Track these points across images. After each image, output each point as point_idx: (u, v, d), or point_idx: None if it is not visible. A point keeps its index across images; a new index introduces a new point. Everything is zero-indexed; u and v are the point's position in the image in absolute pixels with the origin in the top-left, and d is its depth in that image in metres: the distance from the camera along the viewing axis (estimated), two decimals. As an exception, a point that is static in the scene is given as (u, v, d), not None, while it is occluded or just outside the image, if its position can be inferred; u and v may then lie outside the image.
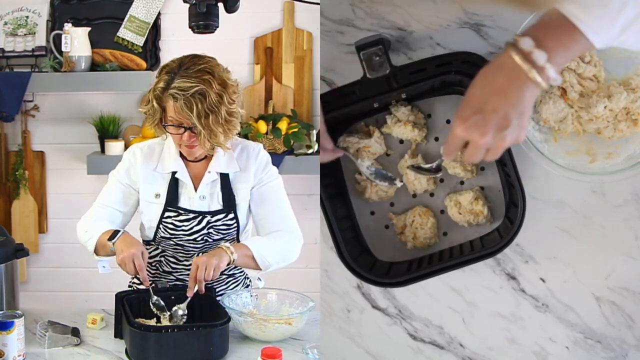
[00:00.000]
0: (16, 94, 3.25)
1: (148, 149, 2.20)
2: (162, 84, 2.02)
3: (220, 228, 2.16)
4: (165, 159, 2.17)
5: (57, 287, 3.55)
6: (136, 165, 2.17)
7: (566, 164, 1.39)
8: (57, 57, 3.26)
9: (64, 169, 3.51)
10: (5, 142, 3.45)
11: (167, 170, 2.16)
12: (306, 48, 3.38)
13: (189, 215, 2.14)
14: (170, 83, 2.00)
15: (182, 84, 1.98)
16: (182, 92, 1.98)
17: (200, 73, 2.01)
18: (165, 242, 2.18)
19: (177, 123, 2.03)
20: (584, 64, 1.39)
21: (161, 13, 3.38)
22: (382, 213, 1.56)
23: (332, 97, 1.44)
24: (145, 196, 2.16)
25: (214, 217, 2.15)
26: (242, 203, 2.18)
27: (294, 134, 3.18)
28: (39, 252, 3.53)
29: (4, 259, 2.19)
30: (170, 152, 2.16)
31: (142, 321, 1.96)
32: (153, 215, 2.16)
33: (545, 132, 1.42)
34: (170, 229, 2.15)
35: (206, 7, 1.88)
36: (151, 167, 2.17)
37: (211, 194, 2.16)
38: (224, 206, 2.16)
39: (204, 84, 1.99)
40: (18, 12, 3.36)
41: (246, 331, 2.02)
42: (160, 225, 2.15)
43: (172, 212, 2.14)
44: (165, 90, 2.01)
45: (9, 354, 1.80)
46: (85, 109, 3.45)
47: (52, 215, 3.53)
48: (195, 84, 1.98)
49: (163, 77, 2.03)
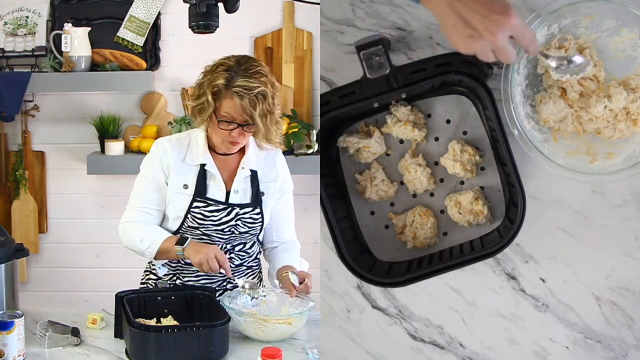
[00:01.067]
0: (16, 94, 3.26)
1: (176, 141, 2.28)
2: (222, 80, 2.11)
3: (247, 221, 2.25)
4: (194, 151, 2.24)
5: (57, 287, 3.56)
6: (167, 157, 2.24)
7: (566, 163, 1.39)
8: (57, 57, 3.27)
9: (64, 169, 3.51)
10: (5, 142, 3.45)
11: (197, 162, 2.23)
12: (306, 48, 3.38)
13: (219, 206, 2.22)
14: (231, 80, 2.10)
15: (247, 84, 2.08)
16: (248, 91, 2.08)
17: (259, 75, 2.12)
18: (192, 232, 2.24)
19: (230, 119, 2.13)
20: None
21: (161, 13, 3.39)
22: (382, 213, 1.56)
23: (332, 97, 1.44)
24: (174, 187, 2.23)
25: (242, 209, 2.24)
26: (269, 201, 2.30)
27: (294, 134, 3.19)
28: (39, 252, 3.53)
29: (4, 259, 2.19)
30: (198, 145, 2.24)
31: (142, 321, 1.96)
32: (181, 205, 2.22)
33: (545, 132, 1.42)
34: (198, 218, 2.21)
35: (206, 7, 1.88)
36: (180, 158, 2.24)
37: (243, 189, 2.25)
38: (251, 201, 2.26)
39: (264, 85, 2.11)
40: (18, 12, 3.37)
41: (246, 331, 2.02)
42: (188, 215, 2.21)
43: (201, 202, 2.21)
44: (227, 88, 2.10)
45: (9, 354, 1.81)
46: (85, 109, 3.46)
47: (52, 215, 3.53)
48: (258, 85, 2.09)
49: (222, 74, 2.11)
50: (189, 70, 3.42)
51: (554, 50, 1.37)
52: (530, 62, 1.41)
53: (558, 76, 1.33)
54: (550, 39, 1.39)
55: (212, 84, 2.12)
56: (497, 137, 1.41)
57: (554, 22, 1.37)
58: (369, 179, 1.53)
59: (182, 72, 3.45)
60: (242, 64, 2.13)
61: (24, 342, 1.84)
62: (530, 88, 1.42)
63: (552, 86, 1.41)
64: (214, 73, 2.13)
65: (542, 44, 1.38)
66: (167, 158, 2.23)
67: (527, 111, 1.41)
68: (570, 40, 1.38)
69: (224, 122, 2.13)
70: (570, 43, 1.38)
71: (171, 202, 2.23)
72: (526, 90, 1.41)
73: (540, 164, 1.40)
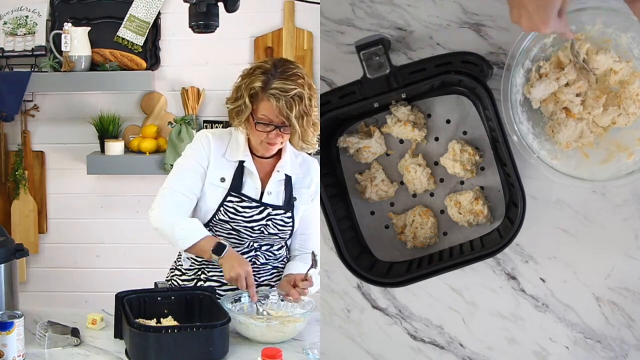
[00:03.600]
0: (16, 94, 3.26)
1: (219, 135, 2.33)
2: (259, 83, 2.15)
3: (278, 223, 2.28)
4: (234, 148, 2.29)
5: (57, 287, 3.56)
6: (209, 148, 2.28)
7: (569, 171, 1.40)
8: (57, 56, 3.27)
9: (64, 169, 3.51)
10: (5, 142, 3.45)
11: (236, 158, 2.28)
12: (306, 48, 3.38)
13: (252, 203, 2.26)
14: (268, 83, 2.14)
15: (283, 86, 2.12)
16: (284, 93, 2.12)
17: (295, 77, 2.15)
18: (221, 226, 2.27)
19: (268, 121, 2.17)
20: (562, 72, 1.40)
21: (161, 13, 3.38)
22: (382, 213, 1.56)
23: (332, 97, 1.44)
24: (211, 179, 2.27)
25: (275, 210, 2.27)
26: (301, 206, 2.34)
27: (294, 133, 3.18)
28: (38, 252, 3.53)
29: (4, 259, 2.19)
30: (239, 144, 2.28)
31: (142, 321, 1.96)
32: (215, 198, 2.26)
33: (570, 154, 1.42)
34: (231, 212, 2.25)
35: (206, 6, 1.89)
36: (220, 153, 2.29)
37: (277, 192, 2.29)
38: (284, 204, 2.29)
39: (300, 87, 2.14)
40: (18, 12, 3.36)
41: (249, 333, 2.02)
42: (221, 208, 2.25)
43: (235, 197, 2.25)
44: (264, 90, 2.14)
45: (9, 354, 1.81)
46: (85, 109, 3.46)
47: (52, 215, 3.53)
48: (294, 87, 2.13)
49: (258, 77, 2.16)
50: (189, 70, 3.43)
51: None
52: (525, 104, 1.42)
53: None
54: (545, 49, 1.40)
55: (249, 87, 2.16)
56: (497, 137, 1.41)
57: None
58: (369, 179, 1.53)
59: (182, 72, 3.45)
60: (279, 67, 2.17)
61: (23, 342, 1.84)
62: (534, 125, 1.43)
63: (554, 112, 1.42)
64: (251, 76, 2.18)
65: (536, 54, 1.39)
66: (210, 149, 2.28)
67: (531, 130, 1.42)
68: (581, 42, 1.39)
69: (261, 124, 2.17)
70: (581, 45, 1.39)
71: (206, 193, 2.27)
72: (530, 126, 1.42)
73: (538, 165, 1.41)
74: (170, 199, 2.26)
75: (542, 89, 1.38)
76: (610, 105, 1.40)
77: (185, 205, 2.26)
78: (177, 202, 2.26)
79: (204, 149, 2.28)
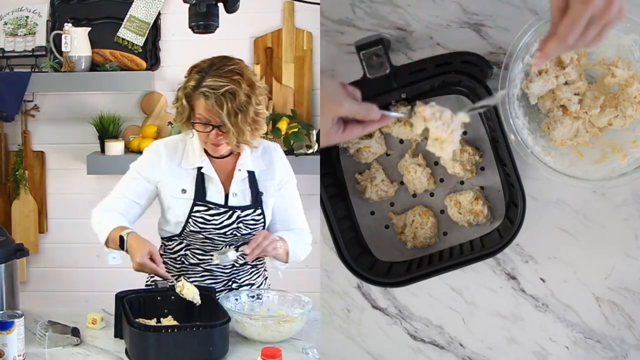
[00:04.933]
0: (16, 94, 3.26)
1: (172, 144, 2.26)
2: (193, 82, 2.09)
3: (249, 223, 2.22)
4: (190, 154, 2.22)
5: (57, 287, 3.55)
6: (160, 161, 2.21)
7: (566, 170, 1.40)
8: (57, 57, 3.26)
9: (64, 169, 3.51)
10: (5, 142, 3.45)
11: (193, 165, 2.21)
12: (306, 48, 3.38)
13: (220, 209, 2.19)
14: (201, 82, 2.07)
15: (213, 83, 2.05)
16: (213, 90, 2.05)
17: (230, 73, 2.07)
18: (193, 236, 2.22)
19: (205, 121, 2.10)
20: (562, 72, 1.40)
21: (161, 13, 3.38)
22: (382, 213, 1.56)
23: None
24: (171, 192, 2.20)
25: (244, 212, 2.21)
26: (269, 200, 2.27)
27: (294, 134, 3.18)
28: (39, 252, 3.53)
29: (4, 259, 2.19)
30: (194, 149, 2.22)
31: (142, 321, 1.96)
32: (181, 210, 2.20)
33: (565, 152, 1.42)
34: (200, 223, 2.19)
35: (206, 7, 1.88)
36: (176, 162, 2.22)
37: (242, 191, 2.23)
38: (252, 202, 2.23)
39: (234, 84, 2.06)
40: (18, 12, 3.36)
41: (246, 332, 2.02)
42: (189, 219, 2.19)
43: (202, 206, 2.19)
44: (196, 89, 2.08)
45: (9, 354, 1.80)
46: (85, 109, 3.45)
47: (52, 215, 3.53)
48: (226, 84, 2.05)
49: (194, 76, 2.10)
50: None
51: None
52: (522, 99, 1.42)
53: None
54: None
55: (185, 87, 2.11)
56: (497, 137, 1.41)
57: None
58: (369, 179, 1.53)
59: (182, 72, 3.40)
60: (215, 65, 2.11)
61: (24, 342, 1.84)
62: (530, 120, 1.43)
63: (551, 110, 1.42)
64: (189, 75, 2.13)
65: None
66: (161, 163, 2.21)
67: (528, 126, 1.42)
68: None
69: (199, 124, 2.11)
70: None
71: (171, 207, 2.21)
72: (525, 121, 1.43)
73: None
74: (106, 202, 2.24)
75: (540, 85, 1.38)
76: (607, 106, 1.40)
77: (121, 209, 2.21)
78: (109, 203, 2.23)
79: (152, 162, 2.21)
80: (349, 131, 1.34)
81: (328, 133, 1.33)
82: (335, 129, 1.32)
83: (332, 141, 1.35)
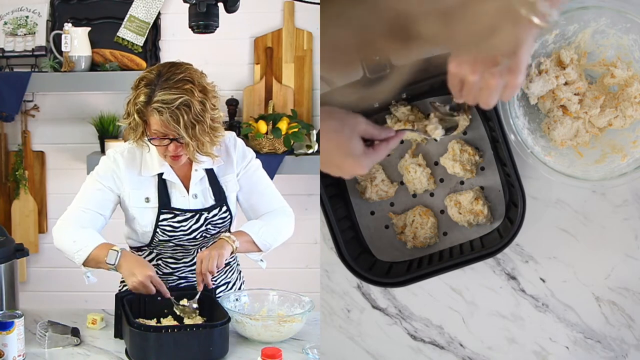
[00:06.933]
0: (16, 94, 3.25)
1: (128, 153, 2.15)
2: (142, 97, 1.98)
3: (217, 222, 2.16)
4: (148, 162, 2.13)
5: (57, 287, 3.55)
6: (119, 170, 2.13)
7: (566, 170, 1.40)
8: (57, 57, 3.26)
9: (64, 169, 3.51)
10: (5, 142, 3.45)
11: (153, 173, 2.12)
12: (306, 48, 3.38)
13: (186, 215, 2.13)
14: (152, 96, 1.97)
15: (165, 97, 1.95)
16: (167, 105, 1.94)
17: (181, 83, 1.97)
18: (163, 245, 2.16)
19: (162, 136, 2.00)
20: (562, 72, 1.40)
21: (161, 13, 3.38)
22: (382, 213, 1.56)
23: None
24: (135, 202, 2.12)
25: (210, 212, 2.15)
26: (232, 194, 2.19)
27: (294, 134, 3.18)
28: (39, 252, 3.53)
29: (4, 259, 2.19)
30: (152, 155, 2.12)
31: (142, 321, 1.96)
32: (147, 220, 2.12)
33: (564, 152, 1.42)
34: (168, 231, 2.13)
35: (206, 7, 1.88)
36: (135, 172, 2.13)
37: (202, 191, 2.15)
38: (216, 201, 2.16)
39: (187, 94, 1.96)
40: (18, 12, 3.36)
41: (246, 332, 2.02)
42: (157, 229, 2.12)
43: (168, 214, 2.12)
44: (148, 104, 1.97)
45: (9, 354, 1.80)
46: (85, 109, 3.45)
47: (52, 215, 3.53)
48: (178, 95, 1.95)
49: (142, 90, 1.99)
50: (189, 70, 3.42)
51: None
52: (522, 99, 1.42)
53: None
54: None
55: (135, 102, 2.00)
56: (497, 137, 1.41)
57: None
58: (369, 179, 1.53)
59: (182, 72, 3.45)
60: (162, 75, 2.00)
61: (23, 342, 1.84)
62: (530, 120, 1.43)
63: (551, 110, 1.42)
64: (137, 89, 2.01)
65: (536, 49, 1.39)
66: (120, 174, 2.12)
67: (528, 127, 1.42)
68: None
69: (155, 139, 2.01)
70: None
71: (136, 217, 2.13)
72: (526, 121, 1.43)
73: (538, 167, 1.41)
74: (69, 215, 2.12)
75: (540, 85, 1.38)
76: (607, 106, 1.40)
77: (85, 221, 2.10)
78: (76, 218, 2.11)
79: (110, 172, 2.12)
80: (378, 149, 1.33)
81: (359, 156, 1.31)
82: (363, 149, 1.31)
83: (363, 165, 1.34)
